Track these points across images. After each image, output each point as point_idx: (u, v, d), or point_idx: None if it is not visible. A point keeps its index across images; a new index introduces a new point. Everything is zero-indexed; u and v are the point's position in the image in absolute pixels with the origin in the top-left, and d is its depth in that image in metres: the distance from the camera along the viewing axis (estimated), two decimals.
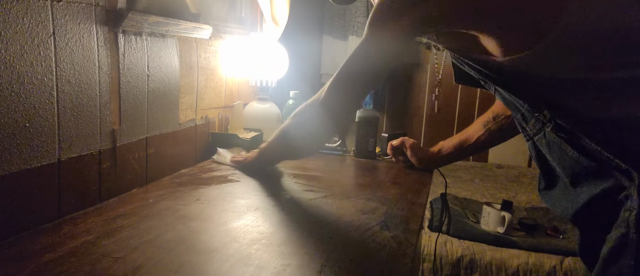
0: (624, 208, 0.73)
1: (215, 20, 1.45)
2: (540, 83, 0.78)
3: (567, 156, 0.79)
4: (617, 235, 0.73)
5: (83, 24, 0.89)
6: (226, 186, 1.10)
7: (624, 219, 0.72)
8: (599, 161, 0.75)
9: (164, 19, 1.11)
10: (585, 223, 0.85)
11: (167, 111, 1.21)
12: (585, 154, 0.76)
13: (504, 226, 1.81)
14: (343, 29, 3.11)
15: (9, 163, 0.76)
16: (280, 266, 0.69)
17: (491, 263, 1.71)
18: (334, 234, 0.83)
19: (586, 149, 0.76)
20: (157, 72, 1.14)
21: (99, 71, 0.94)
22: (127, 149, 1.05)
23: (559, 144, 0.80)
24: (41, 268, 0.65)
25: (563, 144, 0.79)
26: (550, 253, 1.72)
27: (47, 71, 0.81)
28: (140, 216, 0.87)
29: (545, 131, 0.81)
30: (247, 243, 0.76)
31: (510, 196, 2.36)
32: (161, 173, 1.18)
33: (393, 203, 1.05)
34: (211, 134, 1.46)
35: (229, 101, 1.57)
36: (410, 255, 0.76)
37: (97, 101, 0.95)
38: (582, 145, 0.76)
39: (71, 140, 0.88)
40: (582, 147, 0.76)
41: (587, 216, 0.82)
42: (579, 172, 0.80)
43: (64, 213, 0.87)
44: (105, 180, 0.99)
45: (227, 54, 1.52)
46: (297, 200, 1.02)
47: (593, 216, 0.81)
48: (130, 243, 0.74)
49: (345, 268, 0.69)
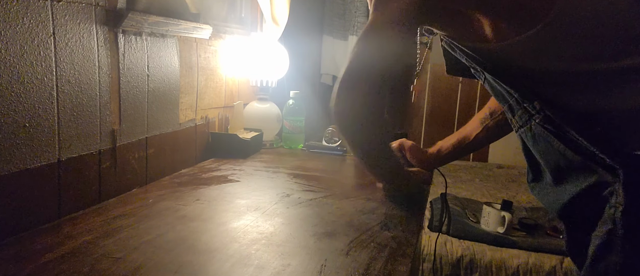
0: (608, 205, 0.73)
1: (215, 20, 1.45)
2: (531, 72, 0.77)
3: (552, 148, 0.79)
4: (603, 231, 0.73)
5: (83, 24, 0.89)
6: (226, 186, 1.10)
7: (610, 215, 0.72)
8: (584, 155, 0.74)
9: (164, 19, 1.11)
10: (571, 219, 0.84)
11: (167, 111, 1.21)
12: (571, 147, 0.75)
13: (504, 226, 1.80)
14: (343, 29, 3.10)
15: (9, 163, 0.76)
16: (280, 266, 0.69)
17: (491, 263, 1.71)
18: (334, 234, 0.83)
19: (573, 143, 0.75)
20: (157, 72, 1.14)
21: (99, 71, 0.94)
22: (127, 149, 1.05)
23: (545, 137, 0.79)
24: (41, 268, 0.65)
25: (549, 137, 0.78)
26: (550, 253, 1.72)
27: (47, 71, 0.81)
28: (140, 216, 0.87)
29: (532, 123, 0.80)
30: (247, 243, 0.76)
31: (510, 196, 2.36)
32: (161, 173, 1.18)
33: (393, 203, 1.05)
34: (211, 134, 1.46)
35: (229, 101, 1.57)
36: (410, 255, 0.76)
37: (97, 101, 0.95)
38: (569, 138, 0.75)
39: (71, 140, 0.88)
40: (569, 140, 0.75)
41: (572, 212, 0.81)
42: (563, 166, 0.79)
43: (63, 213, 0.87)
44: (105, 180, 0.98)
45: (227, 54, 1.52)
46: (297, 200, 1.01)
47: (578, 212, 0.80)
48: (130, 243, 0.74)
49: (345, 269, 0.69)
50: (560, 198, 0.82)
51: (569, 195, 0.79)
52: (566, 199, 0.80)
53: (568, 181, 0.80)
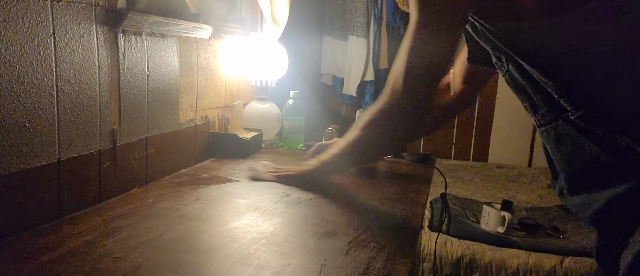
0: None
1: (215, 20, 1.45)
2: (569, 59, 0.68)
3: (581, 151, 0.71)
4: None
5: (83, 24, 0.89)
6: (226, 186, 1.10)
7: None
8: (622, 157, 0.67)
9: (164, 19, 1.11)
10: (603, 225, 0.78)
11: (167, 111, 1.21)
12: (605, 148, 0.68)
13: (504, 226, 1.81)
14: (343, 29, 3.10)
15: (9, 163, 0.76)
16: (280, 266, 0.69)
17: (491, 263, 1.71)
18: (334, 234, 0.83)
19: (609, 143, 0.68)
20: (157, 72, 1.15)
21: (99, 71, 0.94)
22: (127, 149, 1.05)
23: (572, 137, 0.71)
24: (41, 268, 0.65)
25: (580, 138, 0.70)
26: (550, 253, 1.72)
27: (47, 71, 0.81)
28: (140, 216, 0.87)
29: (559, 121, 0.72)
30: (247, 243, 0.76)
31: (510, 196, 2.36)
32: (161, 173, 1.18)
33: (393, 203, 1.05)
34: (211, 134, 1.46)
35: (229, 100, 1.57)
36: (410, 255, 0.76)
37: (97, 101, 0.95)
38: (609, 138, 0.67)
39: (71, 140, 0.88)
40: (605, 141, 0.68)
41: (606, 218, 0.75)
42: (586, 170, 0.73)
43: (63, 213, 0.87)
44: (105, 180, 0.99)
45: (227, 54, 1.52)
46: (297, 200, 1.02)
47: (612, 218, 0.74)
48: (129, 243, 0.74)
49: (345, 268, 0.69)
50: (591, 206, 0.74)
51: (601, 203, 0.72)
52: (599, 206, 0.73)
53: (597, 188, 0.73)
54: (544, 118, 0.75)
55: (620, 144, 0.67)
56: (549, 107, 0.73)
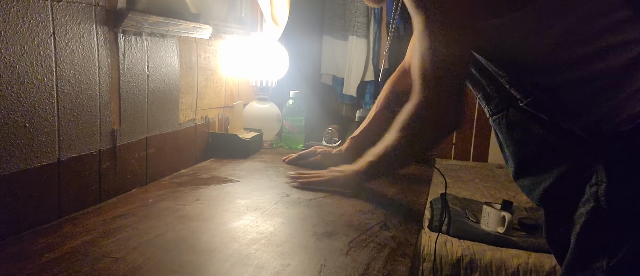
0: (589, 184, 0.74)
1: (215, 20, 1.45)
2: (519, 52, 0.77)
3: (530, 135, 0.79)
4: (587, 210, 0.74)
5: (83, 24, 0.89)
6: (226, 186, 1.10)
7: (592, 194, 0.73)
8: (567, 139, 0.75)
9: (164, 19, 1.11)
10: (550, 205, 0.86)
11: (167, 111, 1.21)
12: (553, 131, 0.76)
13: (504, 226, 1.81)
14: (343, 29, 3.10)
15: (9, 163, 0.76)
16: (279, 266, 0.69)
17: (491, 263, 1.71)
18: (334, 234, 0.83)
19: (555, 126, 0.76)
20: (157, 72, 1.15)
21: (99, 71, 0.94)
22: (127, 149, 1.05)
23: (522, 124, 0.80)
24: (41, 268, 0.65)
25: (529, 123, 0.79)
26: (550, 253, 1.71)
27: (47, 71, 0.81)
28: (140, 216, 0.87)
29: (510, 109, 0.80)
30: (247, 243, 0.77)
31: (510, 196, 2.36)
32: (161, 173, 1.18)
33: (393, 203, 1.05)
34: (211, 134, 1.46)
35: (229, 101, 1.57)
36: (410, 255, 0.76)
37: (97, 101, 0.95)
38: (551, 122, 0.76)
39: (71, 140, 0.88)
40: (550, 124, 0.76)
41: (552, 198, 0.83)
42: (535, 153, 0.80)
43: (64, 213, 0.87)
44: (105, 180, 0.99)
45: (227, 54, 1.52)
46: (297, 200, 1.02)
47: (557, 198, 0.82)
48: (129, 243, 0.74)
49: (345, 268, 0.69)
50: (540, 185, 0.83)
51: (548, 182, 0.81)
52: (547, 185, 0.81)
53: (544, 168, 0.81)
54: (496, 108, 0.84)
55: (563, 127, 0.76)
56: (500, 98, 0.82)
